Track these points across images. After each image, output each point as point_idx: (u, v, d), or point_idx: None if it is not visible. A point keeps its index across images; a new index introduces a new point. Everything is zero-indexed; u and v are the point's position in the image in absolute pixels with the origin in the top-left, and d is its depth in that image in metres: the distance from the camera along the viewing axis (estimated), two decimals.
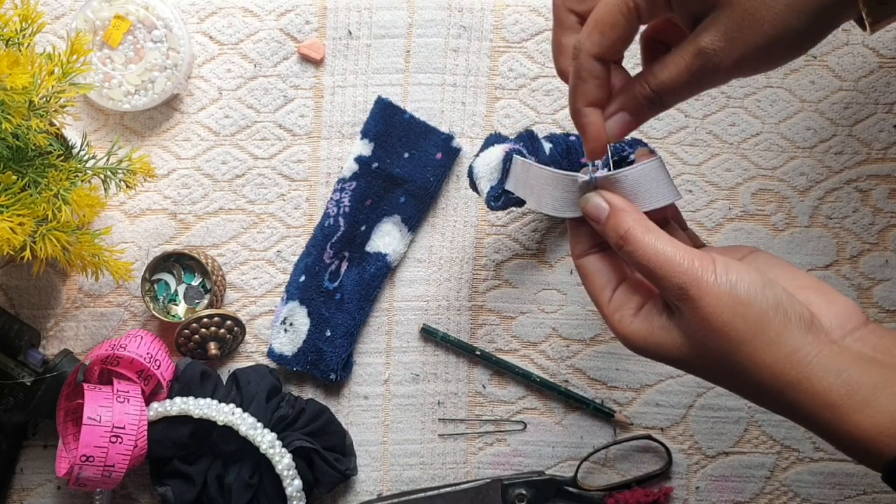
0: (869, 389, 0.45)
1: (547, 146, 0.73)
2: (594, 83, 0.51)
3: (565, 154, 0.73)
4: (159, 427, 0.72)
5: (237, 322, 0.76)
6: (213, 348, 0.75)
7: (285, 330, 0.77)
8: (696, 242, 0.57)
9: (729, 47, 0.47)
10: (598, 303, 0.53)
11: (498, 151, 0.69)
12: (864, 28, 0.50)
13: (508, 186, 0.65)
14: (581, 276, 0.55)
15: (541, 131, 0.79)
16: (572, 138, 0.74)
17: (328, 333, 0.77)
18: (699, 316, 0.47)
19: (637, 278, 0.53)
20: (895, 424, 0.44)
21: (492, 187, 0.69)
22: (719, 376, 0.49)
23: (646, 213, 0.52)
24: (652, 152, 0.54)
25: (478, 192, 0.70)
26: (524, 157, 0.68)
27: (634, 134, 0.75)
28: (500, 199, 0.69)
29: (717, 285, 0.46)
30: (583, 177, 0.53)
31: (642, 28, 0.54)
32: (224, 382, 0.76)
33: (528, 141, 0.72)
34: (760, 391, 0.47)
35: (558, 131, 0.79)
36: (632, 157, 0.61)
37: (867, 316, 0.50)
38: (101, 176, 0.68)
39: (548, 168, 0.56)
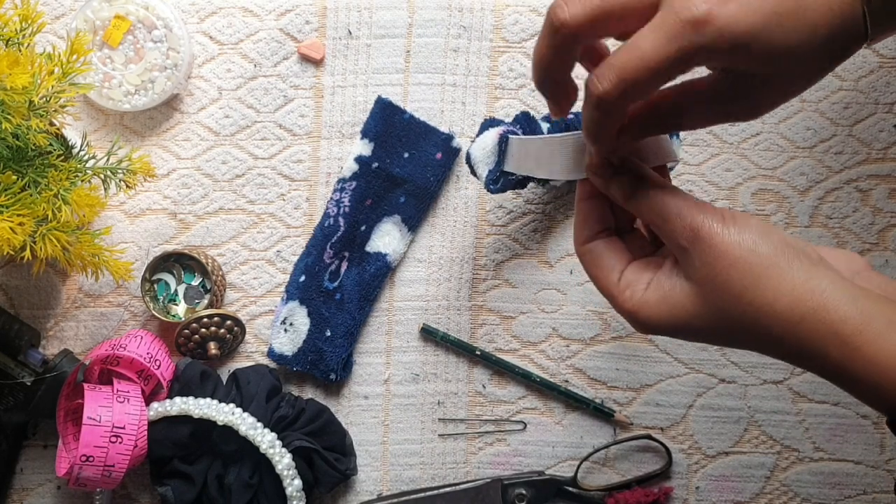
0: (884, 322, 0.44)
1: (545, 125, 0.73)
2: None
3: (563, 131, 0.72)
4: (159, 427, 0.72)
5: (237, 322, 0.76)
6: (213, 348, 0.75)
7: (285, 330, 0.77)
8: None
9: (738, 8, 0.46)
10: (605, 284, 0.52)
11: (492, 134, 0.69)
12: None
13: (507, 167, 0.66)
14: (586, 261, 0.54)
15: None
16: (570, 117, 0.73)
17: (328, 333, 0.77)
18: (711, 255, 0.47)
19: (644, 259, 0.53)
20: None
21: (489, 171, 0.69)
22: (734, 326, 0.48)
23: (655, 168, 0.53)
24: None
25: (477, 177, 0.71)
26: (518, 136, 0.68)
27: None
28: (499, 181, 0.69)
29: (725, 226, 0.47)
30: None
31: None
32: (224, 382, 0.76)
33: (524, 122, 0.72)
34: (774, 334, 0.47)
35: None
36: None
37: (868, 263, 0.51)
38: (101, 176, 0.68)
39: (549, 136, 0.56)
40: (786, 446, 0.78)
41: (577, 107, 0.70)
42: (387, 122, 0.78)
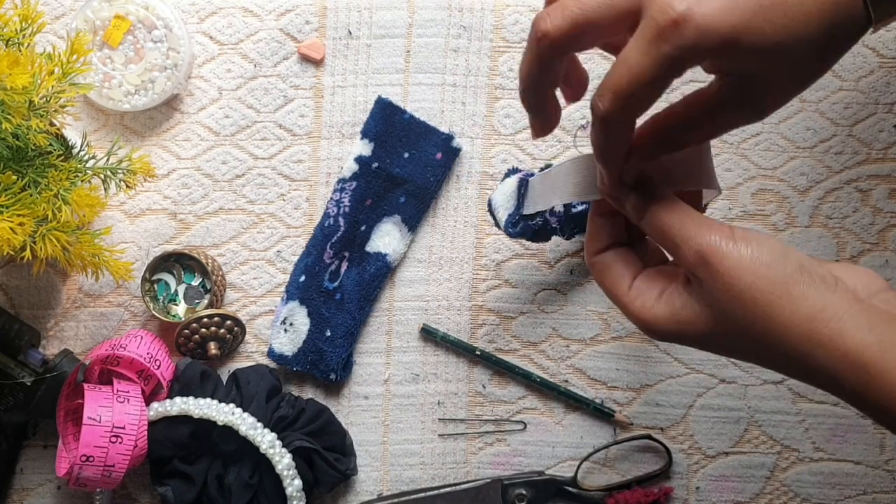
0: None
1: None
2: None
3: None
4: (159, 427, 0.72)
5: (237, 322, 0.76)
6: (213, 348, 0.75)
7: (285, 330, 0.77)
8: None
9: (718, 6, 0.45)
10: (616, 294, 0.52)
11: (513, 180, 0.70)
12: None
13: (527, 210, 0.66)
14: (596, 271, 0.53)
15: None
16: None
17: (328, 333, 0.77)
18: (720, 281, 0.46)
19: (656, 268, 0.52)
20: None
21: (509, 214, 0.70)
22: (745, 347, 0.48)
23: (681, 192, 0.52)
24: None
25: (497, 223, 0.72)
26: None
27: None
28: (518, 224, 0.70)
29: (737, 249, 0.46)
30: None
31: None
32: (224, 382, 0.76)
33: (545, 168, 0.72)
34: (788, 357, 0.46)
35: (558, 131, 0.79)
36: None
37: (888, 282, 0.49)
38: (101, 176, 0.68)
39: (563, 162, 0.56)
40: (786, 446, 0.78)
41: None
42: (387, 123, 0.78)
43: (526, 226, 0.70)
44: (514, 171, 0.72)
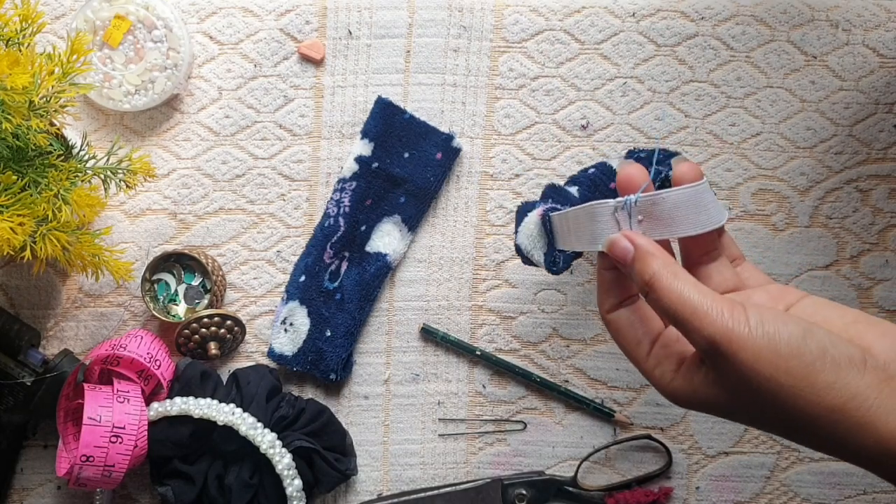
0: None
1: (573, 189, 0.69)
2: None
3: (593, 189, 0.69)
4: (159, 427, 0.72)
5: (237, 322, 0.76)
6: (213, 348, 0.75)
7: (285, 330, 0.77)
8: (755, 278, 0.53)
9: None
10: (635, 358, 0.50)
11: (534, 217, 0.65)
12: None
13: (560, 246, 0.62)
14: (612, 330, 0.52)
15: (541, 131, 0.79)
16: (591, 171, 0.71)
17: (328, 333, 0.77)
18: (737, 372, 0.44)
19: (675, 334, 0.50)
20: None
21: (545, 254, 0.65)
22: (775, 427, 0.46)
23: (691, 237, 0.50)
24: (692, 167, 0.52)
25: (535, 265, 0.66)
26: (558, 211, 0.64)
27: (673, 145, 0.75)
28: (558, 262, 0.65)
29: (752, 339, 0.43)
30: (610, 202, 0.51)
31: None
32: (224, 382, 0.76)
33: (554, 194, 0.68)
34: (819, 439, 0.44)
35: (558, 131, 0.79)
36: (671, 173, 0.55)
37: None
38: (102, 176, 0.68)
39: (575, 207, 0.54)
40: (786, 446, 0.78)
41: (597, 158, 0.69)
42: (387, 123, 0.78)
43: (566, 258, 0.65)
44: (527, 206, 0.67)
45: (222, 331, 0.75)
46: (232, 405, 0.73)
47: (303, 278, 0.78)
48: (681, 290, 0.45)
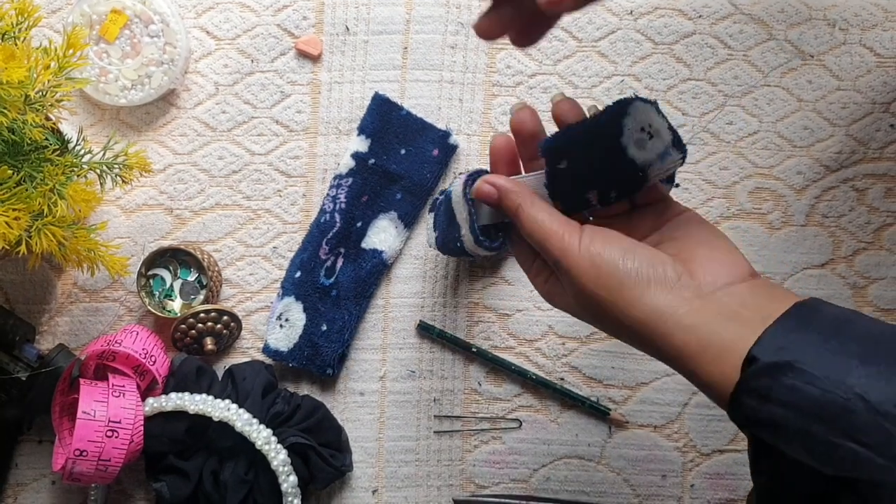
0: (721, 344, 0.48)
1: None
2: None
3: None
4: (155, 422, 0.72)
5: (234, 317, 0.76)
6: (209, 344, 0.75)
7: (281, 326, 0.77)
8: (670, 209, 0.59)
9: None
10: (525, 271, 0.60)
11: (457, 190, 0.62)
12: None
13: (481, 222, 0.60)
14: (516, 254, 0.61)
15: None
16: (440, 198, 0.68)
17: (324, 328, 0.77)
18: (571, 284, 0.53)
19: None
20: (736, 377, 0.47)
21: (469, 227, 0.61)
22: (610, 330, 0.54)
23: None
24: (573, 106, 0.58)
25: (458, 250, 0.64)
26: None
27: None
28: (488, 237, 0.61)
29: (580, 257, 0.52)
30: (462, 177, 0.59)
31: None
32: (220, 378, 0.76)
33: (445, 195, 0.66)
34: (640, 344, 0.52)
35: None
36: None
37: (755, 272, 0.53)
38: (97, 171, 0.68)
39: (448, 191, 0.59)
40: None
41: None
42: (384, 119, 0.78)
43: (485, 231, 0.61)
44: (438, 202, 0.67)
45: (218, 326, 0.75)
46: (227, 401, 0.73)
47: (298, 274, 0.78)
48: (535, 217, 0.54)
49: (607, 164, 0.55)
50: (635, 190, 0.56)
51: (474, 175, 0.61)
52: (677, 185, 0.58)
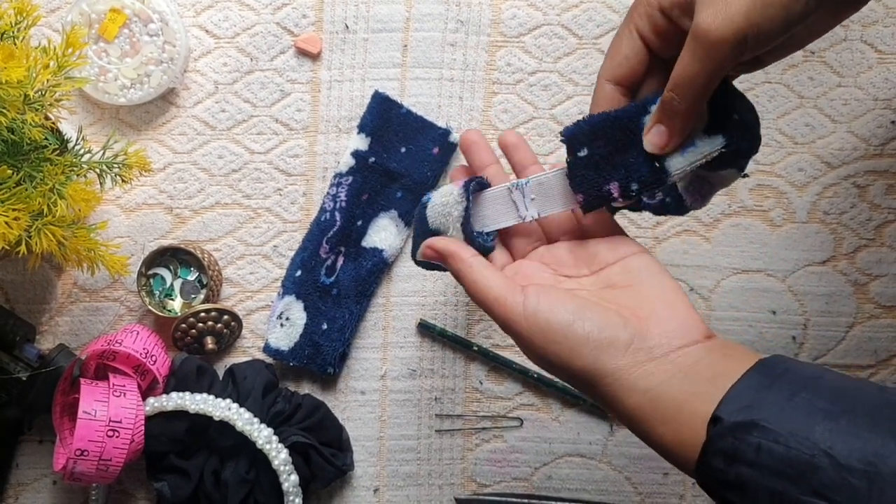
0: (674, 406, 0.48)
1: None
2: (607, 104, 0.53)
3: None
4: (156, 422, 0.72)
5: (234, 317, 0.76)
6: (210, 343, 0.75)
7: (281, 325, 0.77)
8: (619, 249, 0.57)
9: (722, 19, 0.47)
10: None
11: (452, 191, 0.60)
12: None
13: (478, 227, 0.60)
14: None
15: (539, 126, 0.79)
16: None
17: (325, 327, 0.77)
18: (520, 344, 0.53)
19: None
20: (695, 438, 0.46)
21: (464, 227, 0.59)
22: (562, 378, 0.53)
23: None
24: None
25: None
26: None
27: None
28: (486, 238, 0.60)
29: (527, 322, 0.51)
30: (503, 185, 0.57)
31: None
32: (220, 378, 0.76)
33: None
34: (590, 395, 0.52)
35: (556, 126, 0.79)
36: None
37: (711, 333, 0.51)
38: (97, 170, 0.68)
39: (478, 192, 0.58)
40: None
41: None
42: (384, 117, 0.78)
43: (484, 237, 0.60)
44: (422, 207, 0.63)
45: (219, 326, 0.75)
46: (228, 400, 0.72)
47: (299, 273, 0.77)
48: (475, 281, 0.54)
49: (627, 154, 0.53)
50: (657, 184, 0.54)
51: (472, 181, 0.58)
52: (745, 176, 0.56)
